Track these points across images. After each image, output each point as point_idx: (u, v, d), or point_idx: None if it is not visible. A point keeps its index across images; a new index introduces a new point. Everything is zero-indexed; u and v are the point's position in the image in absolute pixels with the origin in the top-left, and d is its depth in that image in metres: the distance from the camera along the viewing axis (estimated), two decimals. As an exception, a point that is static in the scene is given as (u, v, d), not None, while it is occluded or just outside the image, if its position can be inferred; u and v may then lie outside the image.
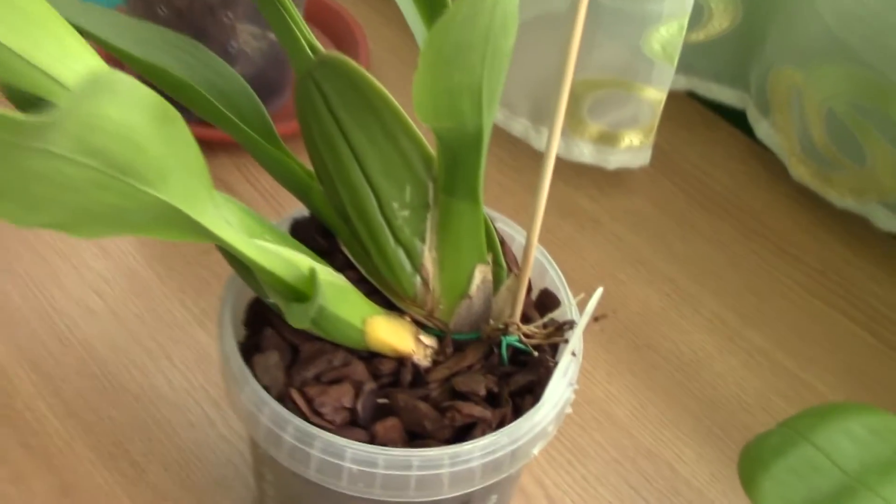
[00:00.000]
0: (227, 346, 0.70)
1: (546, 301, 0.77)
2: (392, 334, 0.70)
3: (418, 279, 0.71)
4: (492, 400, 0.68)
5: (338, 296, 0.67)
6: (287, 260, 0.63)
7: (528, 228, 0.67)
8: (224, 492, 0.76)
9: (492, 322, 0.72)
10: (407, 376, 0.71)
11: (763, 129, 1.02)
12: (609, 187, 1.06)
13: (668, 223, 1.05)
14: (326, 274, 0.68)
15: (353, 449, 0.65)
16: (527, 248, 0.62)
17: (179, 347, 0.86)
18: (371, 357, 0.72)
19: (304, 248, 0.70)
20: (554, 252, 0.81)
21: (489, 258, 0.70)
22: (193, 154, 0.40)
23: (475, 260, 0.70)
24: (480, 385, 0.69)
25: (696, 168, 1.09)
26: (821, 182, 0.97)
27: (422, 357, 0.72)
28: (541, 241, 0.69)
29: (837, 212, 1.01)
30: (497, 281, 0.73)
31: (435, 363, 0.73)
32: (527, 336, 0.70)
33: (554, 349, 0.70)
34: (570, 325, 0.69)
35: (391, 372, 0.72)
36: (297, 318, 0.63)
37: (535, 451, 0.70)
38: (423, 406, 0.68)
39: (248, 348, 0.73)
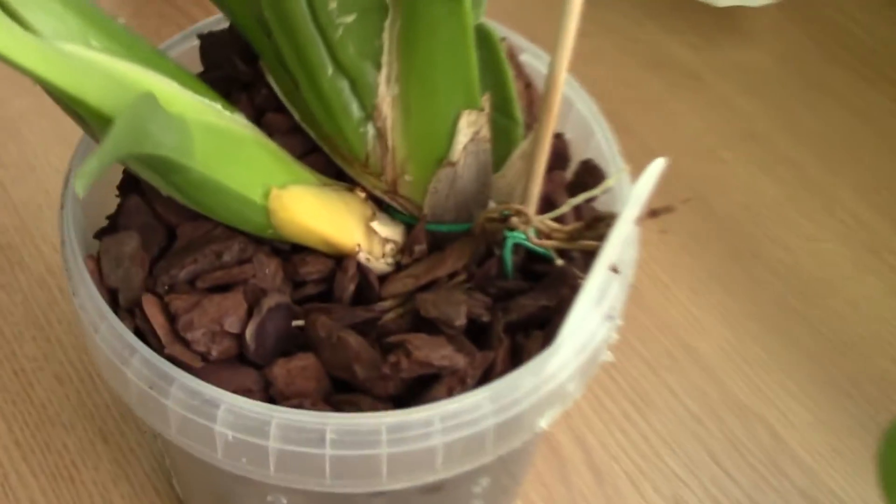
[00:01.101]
0: (66, 226, 0.44)
1: (587, 180, 0.48)
2: (320, 216, 0.43)
3: (370, 129, 0.42)
4: (477, 335, 0.41)
5: (222, 149, 0.40)
6: (109, 77, 0.36)
7: (554, 48, 0.38)
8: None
9: (491, 208, 0.43)
10: (345, 287, 0.43)
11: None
12: (716, 33, 0.83)
13: (794, 85, 0.81)
14: (202, 111, 0.40)
15: (229, 403, 0.38)
16: (549, 83, 0.34)
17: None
18: (292, 254, 0.44)
19: (178, 70, 0.42)
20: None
21: (485, 101, 0.41)
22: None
23: (460, 102, 0.41)
24: (459, 308, 0.41)
25: (839, 13, 0.79)
26: None
27: (374, 257, 0.44)
28: (617, 99, 0.43)
29: None
30: (505, 141, 0.44)
31: (398, 268, 0.45)
32: (545, 235, 0.41)
33: (591, 260, 0.42)
34: (613, 219, 0.40)
35: (321, 278, 0.44)
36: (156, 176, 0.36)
37: (544, 422, 0.42)
38: (354, 340, 0.40)
39: (111, 229, 0.46)
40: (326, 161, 0.47)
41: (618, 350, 0.68)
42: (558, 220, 0.43)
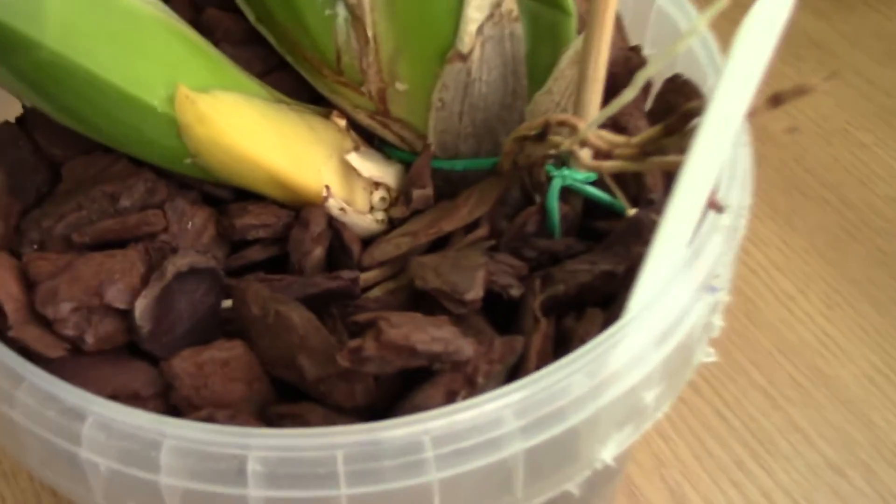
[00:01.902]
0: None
1: (675, 100, 0.32)
2: (264, 140, 0.28)
3: (340, 10, 0.28)
4: (507, 318, 0.25)
5: (95, 22, 0.25)
6: None
7: None
8: None
9: (523, 129, 0.28)
10: (305, 250, 0.28)
11: None
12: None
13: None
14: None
15: (100, 415, 0.22)
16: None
17: None
18: (235, 203, 0.30)
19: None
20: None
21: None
22: None
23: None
24: (472, 276, 0.26)
25: None
26: None
27: (356, 208, 0.29)
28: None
29: None
30: (549, 41, 0.29)
31: (392, 227, 0.30)
32: (605, 154, 0.25)
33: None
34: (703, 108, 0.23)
35: (272, 238, 0.29)
36: None
37: (608, 454, 0.26)
38: (298, 318, 0.25)
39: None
40: (296, 82, 0.33)
41: (730, 379, 0.52)
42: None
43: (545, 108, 0.32)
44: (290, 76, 0.33)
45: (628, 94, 0.24)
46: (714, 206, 0.27)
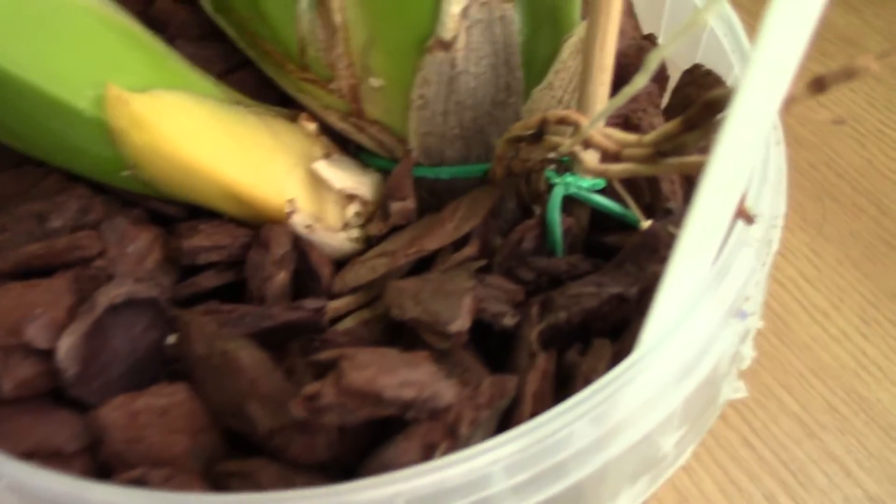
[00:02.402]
0: None
1: (696, 94, 0.27)
2: (215, 147, 0.23)
3: None
4: (500, 350, 0.21)
5: (31, 26, 0.21)
6: None
7: None
8: None
9: (517, 128, 0.23)
10: (265, 275, 0.24)
11: None
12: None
13: None
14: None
15: (13, 478, 0.18)
16: None
17: None
18: (189, 219, 0.25)
19: None
20: None
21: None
22: None
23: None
24: (457, 303, 0.21)
25: None
26: None
27: (327, 225, 0.25)
28: None
29: None
30: (549, 30, 0.24)
31: (368, 244, 0.25)
32: (612, 156, 0.21)
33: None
34: (729, 98, 0.19)
35: (227, 261, 0.25)
36: None
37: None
38: (249, 358, 0.20)
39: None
40: (261, 82, 0.28)
41: (758, 405, 0.47)
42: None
43: (545, 105, 0.28)
44: (253, 75, 0.29)
45: (639, 81, 0.20)
46: (743, 215, 0.22)
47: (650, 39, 0.32)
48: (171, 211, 0.27)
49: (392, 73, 0.26)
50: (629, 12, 0.33)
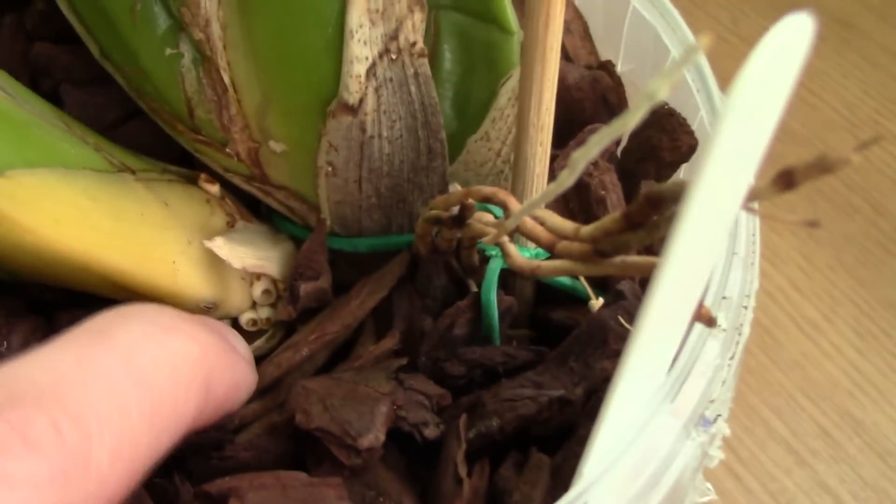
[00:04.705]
0: None
1: (657, 139, 0.24)
2: (82, 227, 0.20)
3: (186, 47, 0.19)
4: (421, 463, 0.18)
5: None
6: None
7: None
8: None
9: (438, 199, 0.19)
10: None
11: None
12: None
13: None
14: None
15: None
16: None
17: None
18: (74, 306, 0.22)
19: None
20: None
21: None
22: None
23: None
24: (373, 413, 0.18)
25: None
26: None
27: (228, 311, 0.21)
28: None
29: None
30: (485, 71, 0.20)
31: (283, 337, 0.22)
32: (547, 245, 0.17)
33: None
34: (685, 191, 0.15)
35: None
36: None
37: None
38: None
39: None
40: (159, 131, 0.25)
41: (745, 430, 0.44)
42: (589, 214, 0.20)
43: (481, 158, 0.24)
44: (150, 125, 0.25)
45: (565, 181, 0.16)
46: (703, 318, 0.19)
47: (607, 68, 0.28)
48: (53, 297, 0.24)
49: (294, 138, 0.22)
50: (585, 35, 0.29)
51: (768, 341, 0.47)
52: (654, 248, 0.21)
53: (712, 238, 0.17)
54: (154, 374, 0.17)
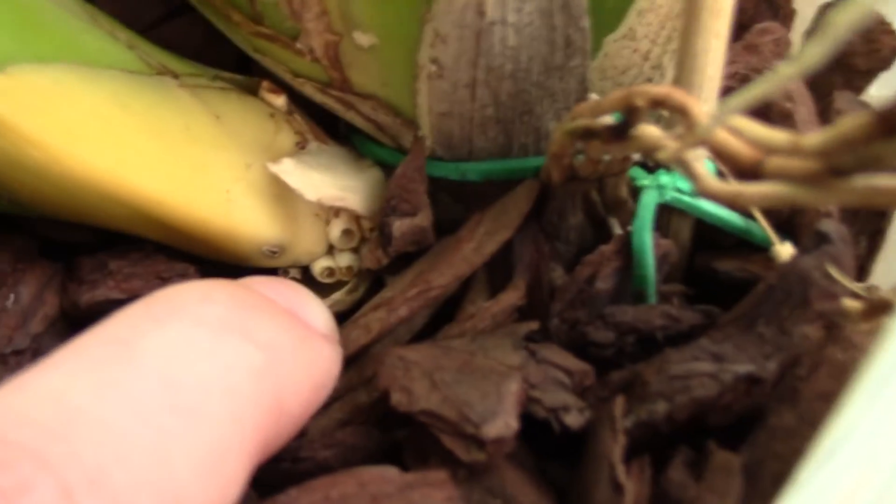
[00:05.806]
0: None
1: (854, 53, 0.17)
2: (113, 154, 0.14)
3: None
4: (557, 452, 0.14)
5: None
6: None
7: None
8: None
9: (584, 104, 0.13)
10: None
11: None
12: None
13: None
14: None
15: None
16: None
17: None
18: (100, 248, 0.16)
19: None
20: None
21: None
22: None
23: None
24: (500, 394, 0.12)
25: None
26: None
27: (294, 250, 0.15)
28: None
29: None
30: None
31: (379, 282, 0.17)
32: (747, 164, 0.11)
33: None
34: None
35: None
36: None
37: None
38: None
39: None
40: (210, 32, 0.19)
41: None
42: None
43: (623, 63, 0.19)
44: (199, 24, 0.20)
45: (809, 58, 0.11)
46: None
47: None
48: (77, 237, 0.18)
49: (387, 25, 0.17)
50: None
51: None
52: None
53: None
54: (202, 400, 0.12)
